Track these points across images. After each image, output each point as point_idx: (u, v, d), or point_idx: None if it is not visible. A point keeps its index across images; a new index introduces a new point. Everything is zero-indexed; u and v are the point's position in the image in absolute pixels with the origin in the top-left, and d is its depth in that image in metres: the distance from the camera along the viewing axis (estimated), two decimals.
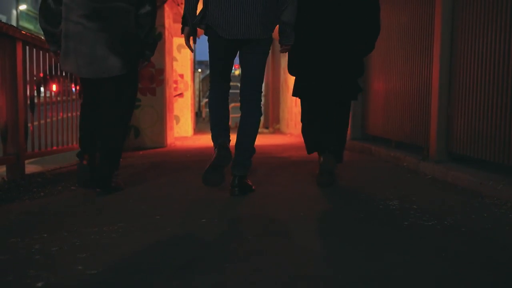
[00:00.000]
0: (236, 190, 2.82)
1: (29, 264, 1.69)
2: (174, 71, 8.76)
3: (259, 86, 2.94)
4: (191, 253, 1.79)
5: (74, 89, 4.70)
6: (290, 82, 9.22)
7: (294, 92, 3.31)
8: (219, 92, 2.96)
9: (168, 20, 6.95)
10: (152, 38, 3.08)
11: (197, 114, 17.90)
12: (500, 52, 2.94)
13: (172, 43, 7.64)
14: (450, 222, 2.20)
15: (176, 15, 7.54)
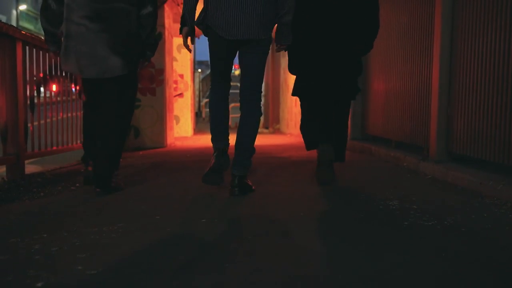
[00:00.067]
0: (236, 190, 2.82)
1: (29, 264, 1.69)
2: (174, 71, 8.76)
3: (259, 86, 2.95)
4: (191, 253, 1.79)
5: (74, 89, 4.70)
6: (290, 82, 9.21)
7: (293, 92, 3.31)
8: (220, 92, 2.98)
9: (168, 20, 6.95)
10: (153, 39, 3.09)
11: (197, 114, 17.89)
12: (500, 52, 2.94)
13: (172, 43, 7.64)
14: (450, 222, 2.20)
15: (176, 15, 7.54)
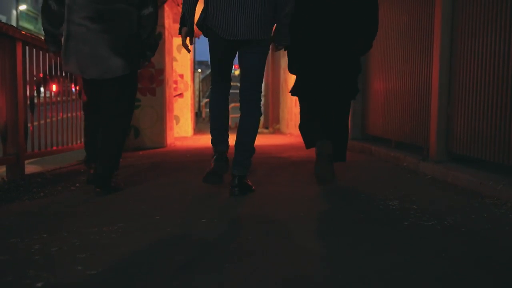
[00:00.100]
0: (236, 190, 2.83)
1: (29, 264, 1.69)
2: (174, 71, 8.76)
3: (258, 86, 2.95)
4: (191, 253, 1.79)
5: (74, 89, 4.70)
6: (290, 82, 9.20)
7: (293, 91, 3.31)
8: (220, 92, 3.01)
9: (168, 20, 6.95)
10: (154, 39, 3.09)
11: (197, 114, 17.89)
12: (500, 52, 2.94)
13: (172, 43, 7.63)
14: (450, 222, 2.20)
15: (176, 15, 7.54)
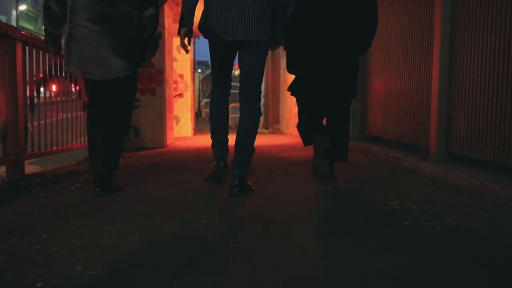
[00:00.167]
0: (236, 190, 2.83)
1: (29, 264, 1.69)
2: (173, 71, 8.75)
3: (258, 86, 2.95)
4: (191, 253, 1.79)
5: (74, 89, 4.70)
6: (290, 82, 9.19)
7: (291, 90, 3.31)
8: (220, 93, 3.03)
9: (168, 21, 6.95)
10: (154, 39, 3.10)
11: (197, 114, 17.89)
12: (500, 52, 2.94)
13: (172, 44, 7.63)
14: (450, 222, 2.20)
15: (176, 16, 7.54)
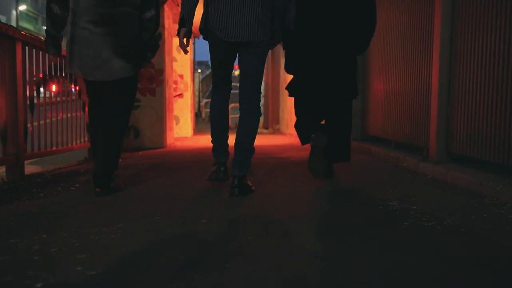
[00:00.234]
0: (236, 190, 2.83)
1: (28, 264, 1.69)
2: (173, 71, 8.75)
3: (258, 86, 2.96)
4: (191, 253, 1.79)
5: (74, 89, 4.70)
6: None
7: (289, 90, 3.31)
8: (221, 94, 3.05)
9: (167, 21, 6.95)
10: (154, 40, 3.11)
11: (197, 114, 17.89)
12: (500, 52, 2.94)
13: (172, 44, 7.63)
14: (450, 222, 2.20)
15: (176, 16, 7.54)
